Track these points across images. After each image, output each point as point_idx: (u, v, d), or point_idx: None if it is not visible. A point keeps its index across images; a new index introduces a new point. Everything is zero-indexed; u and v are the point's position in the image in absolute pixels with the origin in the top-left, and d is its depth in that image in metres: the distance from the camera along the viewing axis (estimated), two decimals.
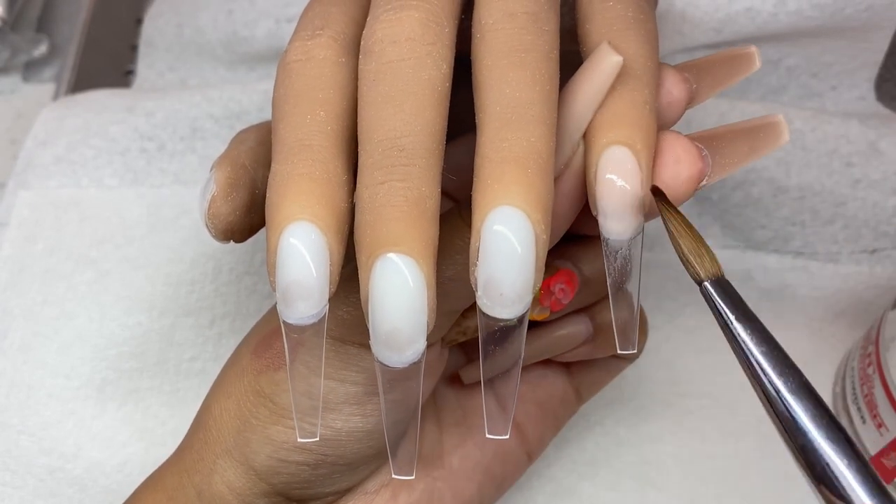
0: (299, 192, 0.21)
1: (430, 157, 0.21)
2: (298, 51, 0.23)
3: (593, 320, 0.29)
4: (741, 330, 0.21)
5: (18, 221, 0.39)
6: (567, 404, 0.32)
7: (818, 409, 0.20)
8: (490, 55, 0.22)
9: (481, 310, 0.21)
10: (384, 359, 0.21)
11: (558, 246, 0.27)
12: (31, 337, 0.37)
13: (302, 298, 0.21)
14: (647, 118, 0.22)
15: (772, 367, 0.20)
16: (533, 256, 0.20)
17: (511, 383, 0.22)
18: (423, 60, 0.21)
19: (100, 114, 0.42)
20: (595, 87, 0.22)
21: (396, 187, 0.20)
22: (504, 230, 0.20)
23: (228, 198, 0.25)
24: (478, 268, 0.20)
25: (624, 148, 0.22)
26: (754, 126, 0.24)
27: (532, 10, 0.22)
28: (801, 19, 0.37)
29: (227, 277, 0.38)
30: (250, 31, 0.44)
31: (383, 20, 0.22)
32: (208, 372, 0.37)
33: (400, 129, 0.21)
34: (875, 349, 0.32)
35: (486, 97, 0.21)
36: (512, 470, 0.31)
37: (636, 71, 0.23)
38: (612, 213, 0.22)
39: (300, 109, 0.22)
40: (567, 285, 0.26)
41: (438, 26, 0.22)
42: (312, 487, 0.27)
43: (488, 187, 0.20)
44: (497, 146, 0.21)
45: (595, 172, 0.22)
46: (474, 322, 0.27)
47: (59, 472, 0.35)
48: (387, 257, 0.20)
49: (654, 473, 0.35)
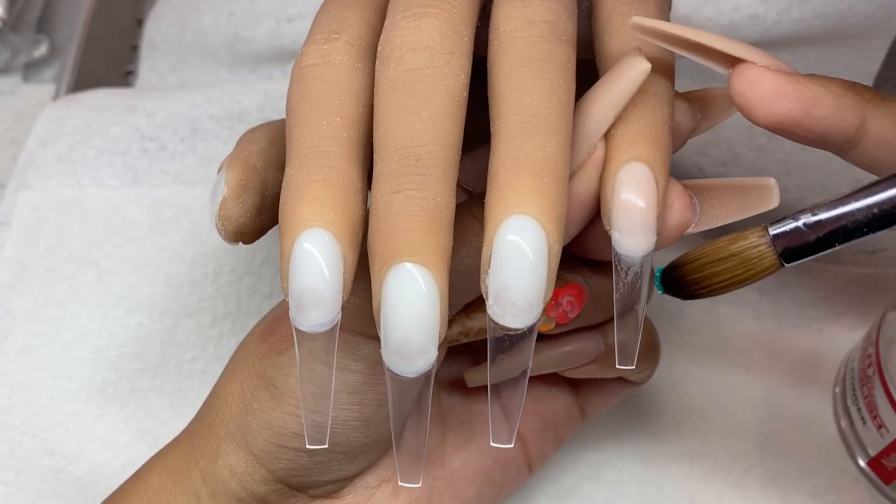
0: (314, 199, 0.21)
1: (447, 167, 0.21)
2: (315, 55, 0.23)
3: (605, 338, 0.29)
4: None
5: (20, 222, 0.39)
6: (570, 421, 0.32)
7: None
8: (508, 63, 0.22)
9: (492, 318, 0.21)
10: (395, 368, 0.21)
11: (570, 261, 0.27)
12: (33, 338, 0.37)
13: (315, 306, 0.21)
14: (666, 137, 0.22)
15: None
16: (545, 267, 0.20)
17: (517, 393, 0.22)
18: (441, 69, 0.21)
19: (101, 114, 0.42)
20: (620, 91, 0.22)
21: (412, 197, 0.20)
22: (517, 239, 0.20)
23: (239, 199, 0.25)
24: (489, 276, 0.20)
25: (643, 165, 0.22)
26: (746, 185, 0.24)
27: (550, 19, 0.22)
28: (804, 27, 0.37)
29: (228, 278, 0.38)
30: (251, 31, 0.44)
31: (402, 27, 0.22)
32: (210, 372, 0.37)
33: (417, 138, 0.21)
34: (875, 350, 0.32)
35: (503, 105, 0.21)
36: (512, 477, 0.31)
37: (656, 88, 0.23)
38: (627, 230, 0.22)
39: (316, 115, 0.22)
40: (576, 299, 0.26)
41: (457, 35, 0.22)
42: (311, 475, 0.27)
43: (503, 195, 0.20)
44: (513, 155, 0.21)
45: (613, 187, 0.22)
46: (477, 323, 0.27)
47: (62, 473, 0.35)
48: (401, 266, 0.20)
49: (655, 473, 0.35)
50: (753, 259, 0.22)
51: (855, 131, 0.22)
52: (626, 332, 0.23)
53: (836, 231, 0.21)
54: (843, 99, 0.22)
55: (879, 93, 0.23)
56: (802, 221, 0.22)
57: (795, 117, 0.22)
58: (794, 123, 0.22)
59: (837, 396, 0.35)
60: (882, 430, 0.32)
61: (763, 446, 0.35)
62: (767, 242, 0.22)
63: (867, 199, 0.21)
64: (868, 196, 0.21)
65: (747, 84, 0.22)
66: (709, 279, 0.23)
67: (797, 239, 0.22)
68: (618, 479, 0.35)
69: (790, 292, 0.38)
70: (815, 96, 0.22)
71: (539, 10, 0.22)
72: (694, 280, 0.23)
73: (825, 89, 0.22)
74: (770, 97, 0.22)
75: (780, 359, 0.37)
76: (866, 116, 0.22)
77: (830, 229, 0.21)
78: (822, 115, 0.22)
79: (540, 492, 0.35)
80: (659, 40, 0.23)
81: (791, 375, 0.36)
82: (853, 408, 0.33)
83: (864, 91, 0.22)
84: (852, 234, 0.21)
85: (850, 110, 0.22)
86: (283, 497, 0.27)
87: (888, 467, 0.32)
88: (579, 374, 0.30)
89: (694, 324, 0.38)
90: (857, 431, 0.33)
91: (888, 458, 0.32)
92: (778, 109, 0.22)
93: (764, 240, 0.22)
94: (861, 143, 0.22)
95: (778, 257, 0.22)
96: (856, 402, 0.33)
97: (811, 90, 0.22)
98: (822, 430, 0.35)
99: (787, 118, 0.22)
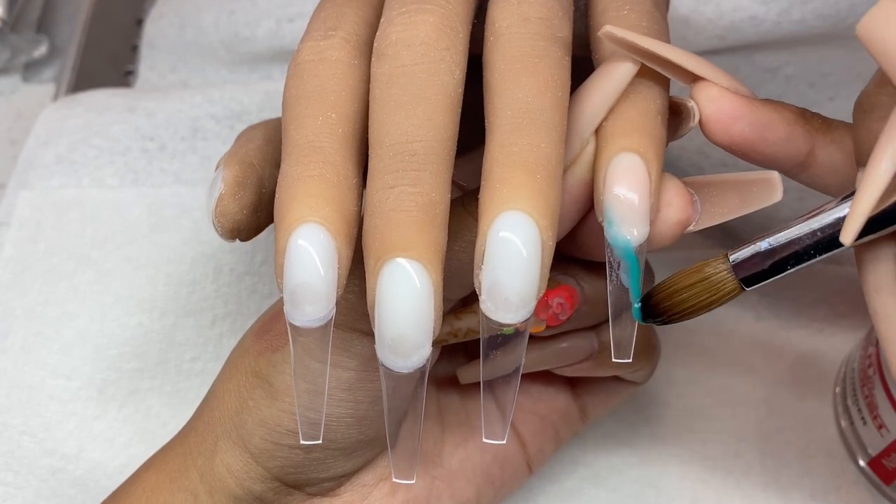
0: (309, 194, 0.21)
1: (441, 163, 0.21)
2: (311, 51, 0.23)
3: (598, 337, 0.29)
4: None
5: (20, 222, 0.39)
6: (569, 420, 0.32)
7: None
8: (503, 60, 0.22)
9: (484, 314, 0.21)
10: (389, 364, 0.21)
11: (562, 263, 0.27)
12: (33, 337, 0.37)
13: (309, 301, 0.21)
14: (658, 128, 0.22)
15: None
16: (539, 262, 0.20)
17: (510, 390, 0.22)
18: (436, 66, 0.21)
19: (101, 114, 0.42)
20: (611, 87, 0.22)
21: (407, 192, 0.20)
22: (511, 235, 0.20)
23: (236, 196, 0.25)
24: (482, 271, 0.20)
25: (635, 156, 0.22)
26: (749, 180, 0.24)
27: (546, 16, 0.22)
28: (804, 28, 0.37)
29: (228, 278, 0.38)
30: (252, 31, 0.44)
31: (398, 23, 0.22)
32: (209, 372, 0.37)
33: (412, 133, 0.21)
34: (875, 350, 0.32)
35: (498, 101, 0.21)
36: (511, 477, 0.31)
37: (649, 80, 0.23)
38: (618, 221, 0.22)
39: (312, 111, 0.22)
40: (566, 301, 0.26)
41: (453, 31, 0.22)
42: (307, 472, 0.27)
43: (497, 191, 0.20)
44: (507, 151, 0.21)
45: (604, 178, 0.22)
46: (466, 324, 0.27)
47: (62, 472, 0.35)
48: (395, 262, 0.20)
49: (655, 473, 0.35)
50: (717, 285, 0.23)
51: (805, 157, 0.23)
52: (620, 325, 0.23)
53: (789, 256, 0.22)
54: (794, 126, 0.23)
55: (827, 120, 0.24)
56: (758, 247, 0.23)
57: (750, 139, 0.23)
58: (748, 145, 0.23)
59: (837, 396, 0.35)
60: (882, 431, 0.32)
61: (763, 446, 0.35)
62: (728, 269, 0.23)
63: (811, 225, 0.22)
64: (812, 222, 0.22)
65: (707, 102, 0.23)
66: (679, 305, 0.24)
67: (755, 265, 0.23)
68: (618, 479, 0.35)
69: (790, 293, 0.38)
70: (769, 121, 0.23)
71: (535, 7, 0.22)
72: (666, 307, 0.24)
73: (779, 115, 0.23)
74: (727, 118, 0.23)
75: (780, 359, 0.37)
76: (815, 143, 0.23)
77: (783, 254, 0.23)
78: (775, 141, 0.23)
79: (540, 492, 0.34)
80: (628, 51, 0.23)
81: (791, 375, 0.36)
82: (853, 408, 0.33)
83: (813, 118, 0.23)
84: (801, 257, 0.22)
85: (800, 137, 0.23)
86: (279, 495, 0.27)
87: (888, 467, 0.32)
88: (574, 372, 0.30)
89: (694, 324, 0.38)
90: (858, 431, 0.33)
91: (888, 458, 0.32)
92: (734, 130, 0.23)
93: (725, 266, 0.23)
94: (810, 168, 0.24)
95: (738, 282, 0.23)
96: (856, 403, 0.33)
97: (766, 115, 0.23)
98: (822, 430, 0.35)
99: (741, 139, 0.23)
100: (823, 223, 0.22)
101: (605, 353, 0.29)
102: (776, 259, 0.23)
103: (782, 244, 0.22)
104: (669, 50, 0.23)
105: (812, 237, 0.22)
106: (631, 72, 0.22)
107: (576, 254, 0.26)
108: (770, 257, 0.23)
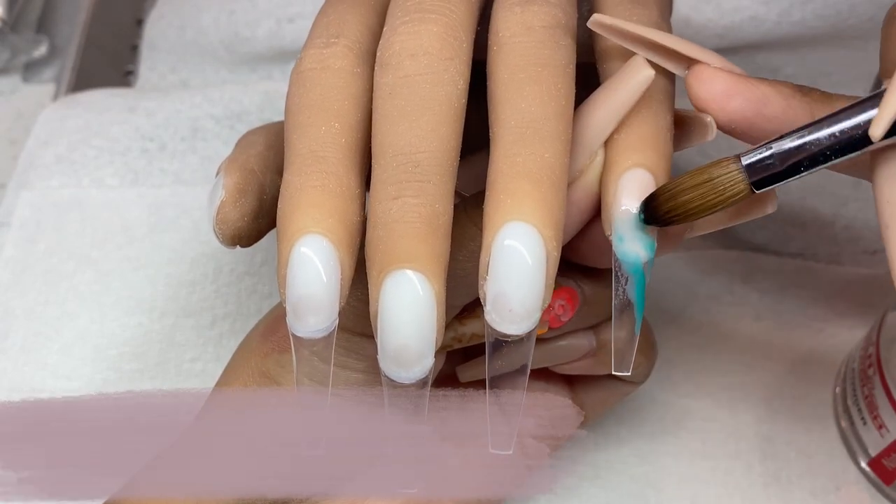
0: (312, 205, 0.21)
1: (445, 174, 0.21)
2: (313, 59, 0.23)
3: (597, 335, 0.29)
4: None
5: (20, 222, 0.39)
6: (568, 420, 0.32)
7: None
8: (506, 69, 0.22)
9: (489, 325, 0.21)
10: (392, 374, 0.21)
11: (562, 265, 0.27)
12: (33, 337, 0.37)
13: (312, 312, 0.21)
14: (668, 144, 0.22)
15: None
16: (543, 273, 0.20)
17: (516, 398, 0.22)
18: (440, 76, 0.21)
19: (101, 114, 0.42)
20: (623, 98, 0.22)
21: (410, 203, 0.20)
22: (516, 245, 0.20)
23: (237, 203, 0.25)
24: (487, 282, 0.20)
25: (646, 172, 0.22)
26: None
27: (550, 24, 0.22)
28: (804, 28, 0.37)
29: (228, 278, 0.38)
30: (252, 31, 0.44)
31: (401, 32, 0.22)
32: (209, 373, 0.37)
33: (415, 144, 0.21)
34: (875, 350, 0.32)
35: (502, 111, 0.21)
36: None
37: (658, 94, 0.23)
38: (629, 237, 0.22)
39: (315, 120, 0.22)
40: (568, 303, 0.26)
41: (457, 41, 0.22)
42: None
43: (501, 202, 0.20)
44: (511, 161, 0.21)
45: (615, 193, 0.22)
46: (471, 329, 0.27)
47: None
48: (398, 273, 0.20)
49: (655, 474, 0.35)
50: (726, 185, 0.23)
51: None
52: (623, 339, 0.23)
53: (803, 158, 0.22)
54: (791, 100, 0.23)
55: (825, 93, 0.23)
56: (771, 150, 0.22)
57: (748, 116, 0.22)
58: (747, 122, 0.23)
59: (838, 396, 0.35)
60: (882, 431, 0.32)
61: (763, 446, 0.35)
62: (739, 169, 0.22)
63: (830, 128, 0.22)
64: (831, 124, 0.22)
65: (700, 84, 0.23)
66: (683, 206, 0.23)
67: (768, 166, 0.22)
68: (618, 479, 0.35)
69: (790, 292, 0.38)
70: (764, 95, 0.22)
71: (538, 15, 0.22)
72: (669, 208, 0.23)
73: (774, 89, 0.23)
74: (722, 96, 0.22)
75: (780, 359, 0.37)
76: (816, 115, 0.23)
77: (797, 156, 0.22)
78: (773, 115, 0.22)
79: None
80: (619, 39, 0.23)
81: (791, 375, 0.36)
82: (853, 408, 0.33)
83: (811, 92, 0.23)
84: (816, 159, 0.22)
85: (799, 110, 0.23)
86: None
87: (889, 467, 0.32)
88: (572, 371, 0.30)
89: (694, 324, 0.38)
90: (858, 431, 0.33)
91: (889, 458, 0.32)
92: (730, 107, 0.22)
93: (736, 166, 0.22)
94: None
95: (749, 183, 0.22)
96: (856, 403, 0.33)
97: (761, 90, 0.23)
98: (822, 431, 0.35)
99: (739, 116, 0.22)
100: (843, 125, 0.21)
101: (603, 352, 0.29)
102: (790, 160, 0.22)
103: (798, 145, 0.22)
104: (659, 35, 0.23)
105: (829, 139, 0.21)
106: (645, 82, 0.22)
107: (575, 260, 0.26)
108: (784, 158, 0.22)
